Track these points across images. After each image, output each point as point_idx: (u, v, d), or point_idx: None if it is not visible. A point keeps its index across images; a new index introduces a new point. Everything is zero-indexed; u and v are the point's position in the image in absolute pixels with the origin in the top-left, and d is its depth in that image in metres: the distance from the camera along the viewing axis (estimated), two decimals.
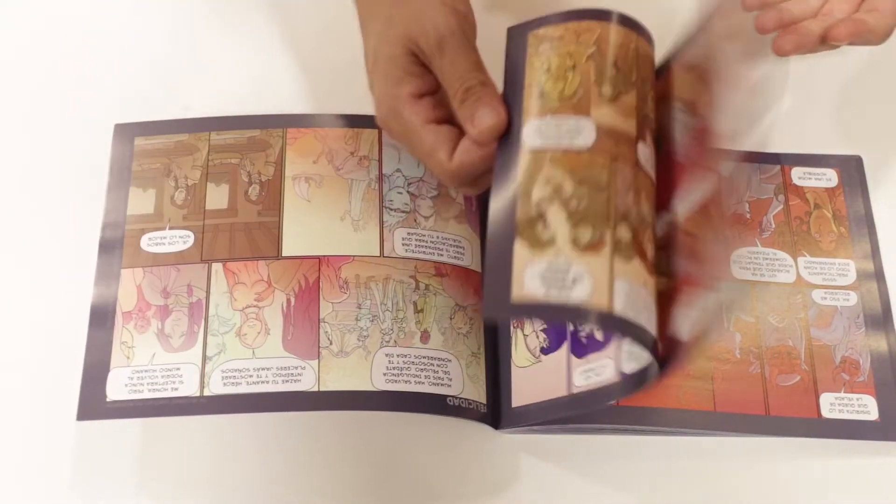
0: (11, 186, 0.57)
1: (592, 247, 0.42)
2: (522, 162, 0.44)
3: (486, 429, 0.51)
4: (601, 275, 0.41)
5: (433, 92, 0.48)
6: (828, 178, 0.58)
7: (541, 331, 0.52)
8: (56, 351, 0.52)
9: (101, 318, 0.51)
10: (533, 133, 0.45)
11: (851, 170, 0.59)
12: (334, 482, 0.50)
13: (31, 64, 0.62)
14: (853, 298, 0.54)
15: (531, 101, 0.46)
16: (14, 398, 0.51)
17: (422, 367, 0.51)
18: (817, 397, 0.51)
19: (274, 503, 0.50)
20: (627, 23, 0.47)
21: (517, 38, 0.48)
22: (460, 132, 0.47)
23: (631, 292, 0.41)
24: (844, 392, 0.51)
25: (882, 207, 0.57)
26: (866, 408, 0.51)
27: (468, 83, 0.46)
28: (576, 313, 0.41)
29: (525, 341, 0.52)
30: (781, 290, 0.54)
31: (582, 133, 0.44)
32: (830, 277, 0.54)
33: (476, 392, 0.52)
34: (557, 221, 0.42)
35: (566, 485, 0.50)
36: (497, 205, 0.43)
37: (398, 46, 0.47)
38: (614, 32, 0.47)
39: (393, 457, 0.51)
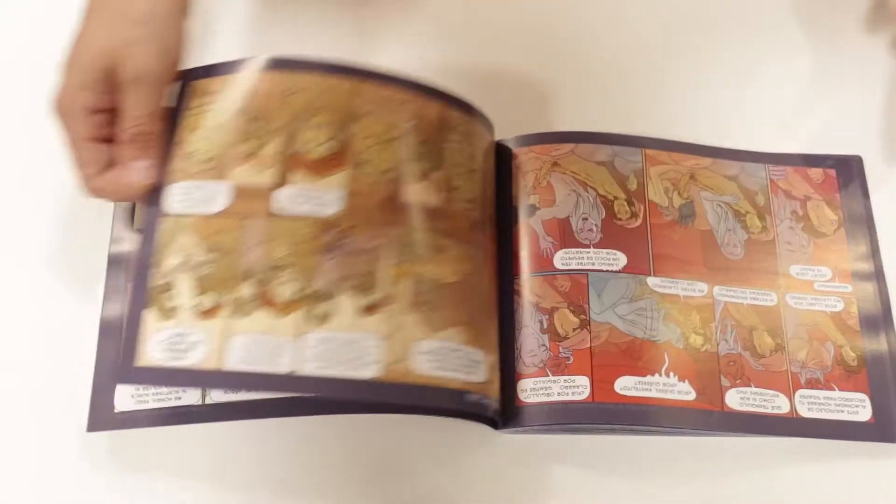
0: (22, 200, 0.56)
1: (211, 312, 0.46)
2: (161, 226, 0.48)
3: (486, 429, 0.50)
4: (216, 338, 0.45)
5: (109, 110, 0.48)
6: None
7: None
8: (66, 364, 0.52)
9: (110, 332, 0.52)
10: (174, 197, 0.48)
11: (851, 170, 0.57)
12: (334, 484, 0.50)
13: (36, 79, 0.55)
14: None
15: (177, 161, 0.49)
16: (26, 410, 0.51)
17: None
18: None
19: None
20: (284, 65, 0.50)
21: (180, 86, 0.51)
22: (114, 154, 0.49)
23: (248, 346, 0.45)
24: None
25: (881, 208, 0.57)
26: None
27: (144, 128, 0.48)
28: (191, 376, 0.45)
29: None
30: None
31: (217, 198, 0.48)
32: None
33: None
34: (183, 290, 0.46)
35: (565, 484, 0.50)
36: (135, 270, 0.47)
37: (101, 58, 0.47)
38: (263, 82, 0.50)
39: (392, 458, 0.50)
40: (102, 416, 0.49)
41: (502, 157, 0.56)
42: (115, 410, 0.49)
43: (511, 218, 0.54)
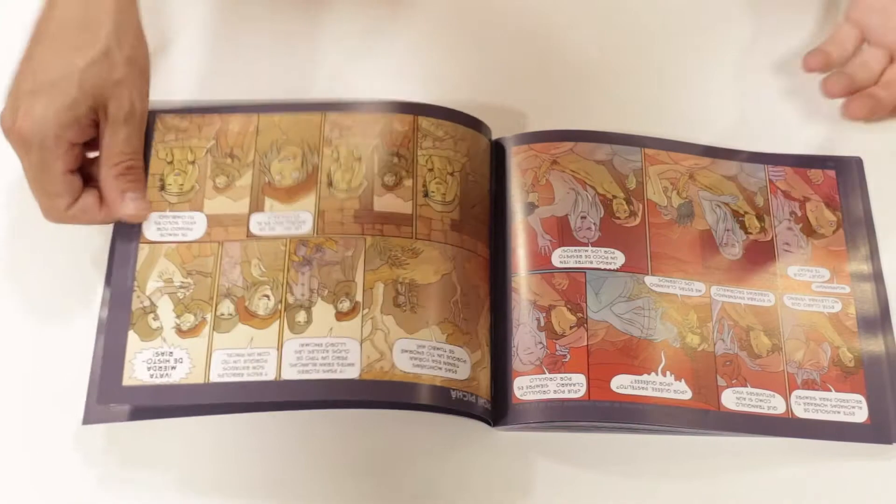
0: (22, 197, 0.52)
1: (192, 331, 0.49)
2: (140, 253, 0.50)
3: (482, 426, 0.50)
4: (199, 354, 0.48)
5: (86, 142, 0.49)
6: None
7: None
8: (63, 358, 0.51)
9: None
10: (152, 226, 0.51)
11: (851, 171, 0.57)
12: (329, 478, 0.49)
13: None
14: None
15: (153, 192, 0.52)
16: (21, 403, 0.51)
17: None
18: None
19: (274, 502, 0.49)
20: (252, 109, 0.54)
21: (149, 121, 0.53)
22: (82, 185, 0.50)
23: (230, 358, 0.48)
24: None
25: (881, 209, 0.56)
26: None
27: (134, 163, 0.50)
28: (178, 391, 0.47)
29: None
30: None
31: (194, 226, 0.51)
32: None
33: None
34: (165, 312, 0.49)
35: (561, 482, 0.50)
36: (115, 292, 0.50)
37: (89, 97, 0.47)
38: (234, 123, 0.54)
39: (388, 454, 0.50)
40: (97, 409, 0.49)
41: (501, 155, 0.56)
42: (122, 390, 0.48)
43: (510, 215, 0.54)
